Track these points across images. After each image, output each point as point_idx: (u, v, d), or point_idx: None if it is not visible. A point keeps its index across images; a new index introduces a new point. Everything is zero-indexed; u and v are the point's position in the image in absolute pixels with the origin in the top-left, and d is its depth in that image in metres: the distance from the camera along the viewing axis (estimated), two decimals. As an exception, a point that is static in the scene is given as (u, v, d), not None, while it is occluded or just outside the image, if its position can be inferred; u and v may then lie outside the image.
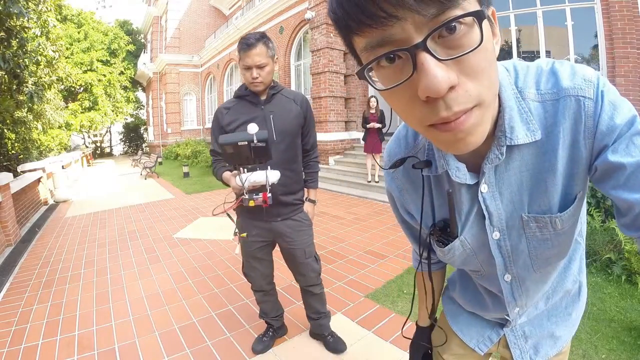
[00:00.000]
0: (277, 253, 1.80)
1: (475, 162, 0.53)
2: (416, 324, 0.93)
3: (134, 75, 22.52)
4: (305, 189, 1.82)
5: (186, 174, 10.08)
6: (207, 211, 5.68)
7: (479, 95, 0.36)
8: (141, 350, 2.02)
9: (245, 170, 1.38)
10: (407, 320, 0.82)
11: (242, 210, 1.66)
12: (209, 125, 17.79)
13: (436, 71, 0.33)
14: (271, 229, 1.68)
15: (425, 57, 0.33)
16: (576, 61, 5.09)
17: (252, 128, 1.25)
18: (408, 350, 0.91)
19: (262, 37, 1.51)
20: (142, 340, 2.12)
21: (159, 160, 13.78)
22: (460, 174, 0.53)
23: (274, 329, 1.99)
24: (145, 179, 10.73)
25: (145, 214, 5.72)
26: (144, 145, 26.77)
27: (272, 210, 1.59)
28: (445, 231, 0.61)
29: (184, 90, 18.34)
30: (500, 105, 0.47)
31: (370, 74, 0.39)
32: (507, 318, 0.72)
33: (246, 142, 1.27)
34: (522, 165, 0.51)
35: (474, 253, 0.61)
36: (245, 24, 12.76)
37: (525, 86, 0.49)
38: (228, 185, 1.61)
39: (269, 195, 1.38)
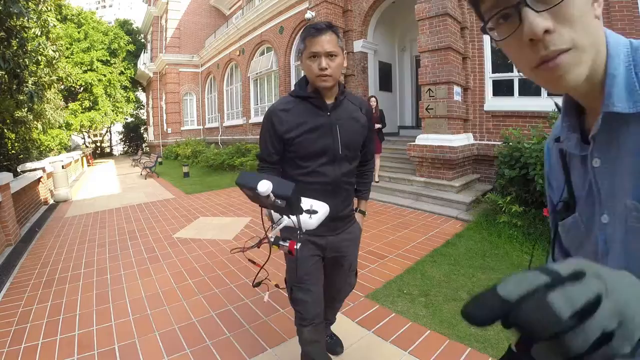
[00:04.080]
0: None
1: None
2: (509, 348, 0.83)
3: (134, 75, 22.51)
4: (356, 199, 1.64)
5: (186, 174, 10.08)
6: (207, 211, 5.68)
7: (573, 39, 0.45)
8: (141, 350, 2.02)
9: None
10: None
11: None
12: (209, 125, 17.79)
13: (534, 19, 0.44)
14: (326, 244, 1.46)
15: (526, 10, 0.44)
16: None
17: (263, 186, 0.89)
18: None
19: (332, 26, 1.29)
20: (142, 340, 2.12)
21: (159, 160, 13.78)
22: (571, 143, 0.57)
23: None
24: (145, 178, 10.73)
25: (145, 214, 5.72)
26: (144, 145, 26.78)
27: (331, 224, 1.38)
28: (567, 207, 0.63)
29: (184, 90, 18.33)
30: (605, 72, 0.50)
31: (492, 32, 0.51)
32: None
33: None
34: (632, 143, 0.49)
35: (586, 235, 0.59)
36: (245, 24, 12.76)
37: None
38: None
39: (297, 247, 1.01)
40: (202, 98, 18.45)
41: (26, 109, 7.35)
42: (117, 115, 21.98)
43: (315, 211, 1.08)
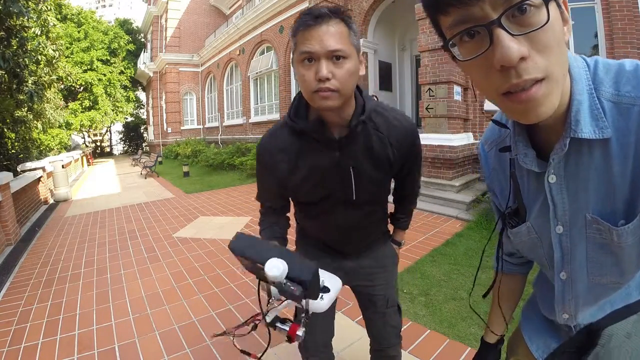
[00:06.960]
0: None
1: (548, 151, 0.53)
2: (482, 339, 0.87)
3: (134, 74, 22.50)
4: (391, 226, 1.27)
5: (186, 174, 10.08)
6: (207, 210, 5.68)
7: (547, 68, 0.41)
8: (141, 349, 2.02)
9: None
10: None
11: (303, 235, 1.20)
12: (208, 124, 17.80)
13: (509, 43, 0.39)
14: (342, 268, 1.11)
15: (500, 32, 0.39)
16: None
17: (274, 270, 0.61)
18: None
19: (339, 11, 0.84)
20: (142, 339, 2.12)
21: (159, 159, 13.78)
22: (528, 159, 0.55)
23: None
24: (145, 178, 10.73)
25: (145, 214, 5.72)
26: (144, 144, 26.78)
27: (345, 247, 1.14)
28: (517, 214, 0.63)
29: (184, 90, 18.33)
30: (571, 97, 0.48)
31: (453, 48, 0.45)
32: (571, 326, 0.66)
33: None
34: (591, 163, 0.50)
35: (540, 241, 0.62)
36: (245, 23, 12.75)
37: (602, 83, 0.48)
38: None
39: (300, 333, 0.73)
40: (202, 97, 18.45)
41: (26, 108, 7.35)
42: (117, 115, 21.97)
43: (327, 289, 0.80)
